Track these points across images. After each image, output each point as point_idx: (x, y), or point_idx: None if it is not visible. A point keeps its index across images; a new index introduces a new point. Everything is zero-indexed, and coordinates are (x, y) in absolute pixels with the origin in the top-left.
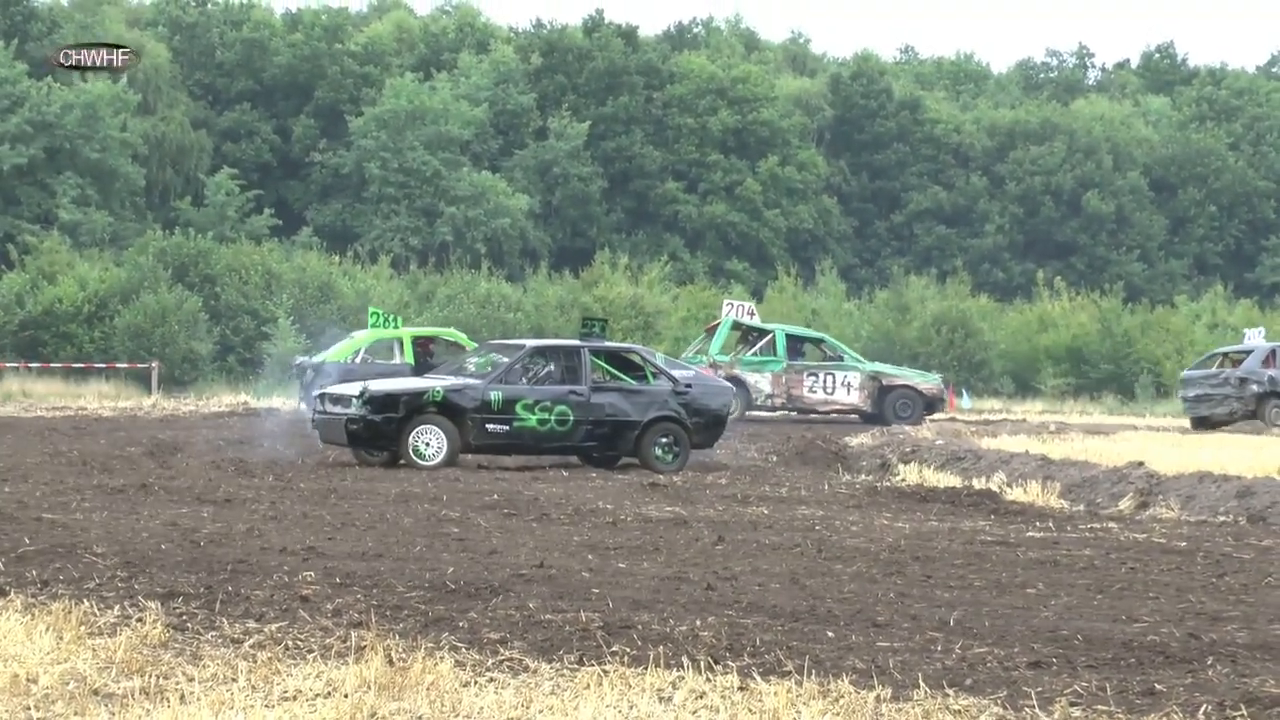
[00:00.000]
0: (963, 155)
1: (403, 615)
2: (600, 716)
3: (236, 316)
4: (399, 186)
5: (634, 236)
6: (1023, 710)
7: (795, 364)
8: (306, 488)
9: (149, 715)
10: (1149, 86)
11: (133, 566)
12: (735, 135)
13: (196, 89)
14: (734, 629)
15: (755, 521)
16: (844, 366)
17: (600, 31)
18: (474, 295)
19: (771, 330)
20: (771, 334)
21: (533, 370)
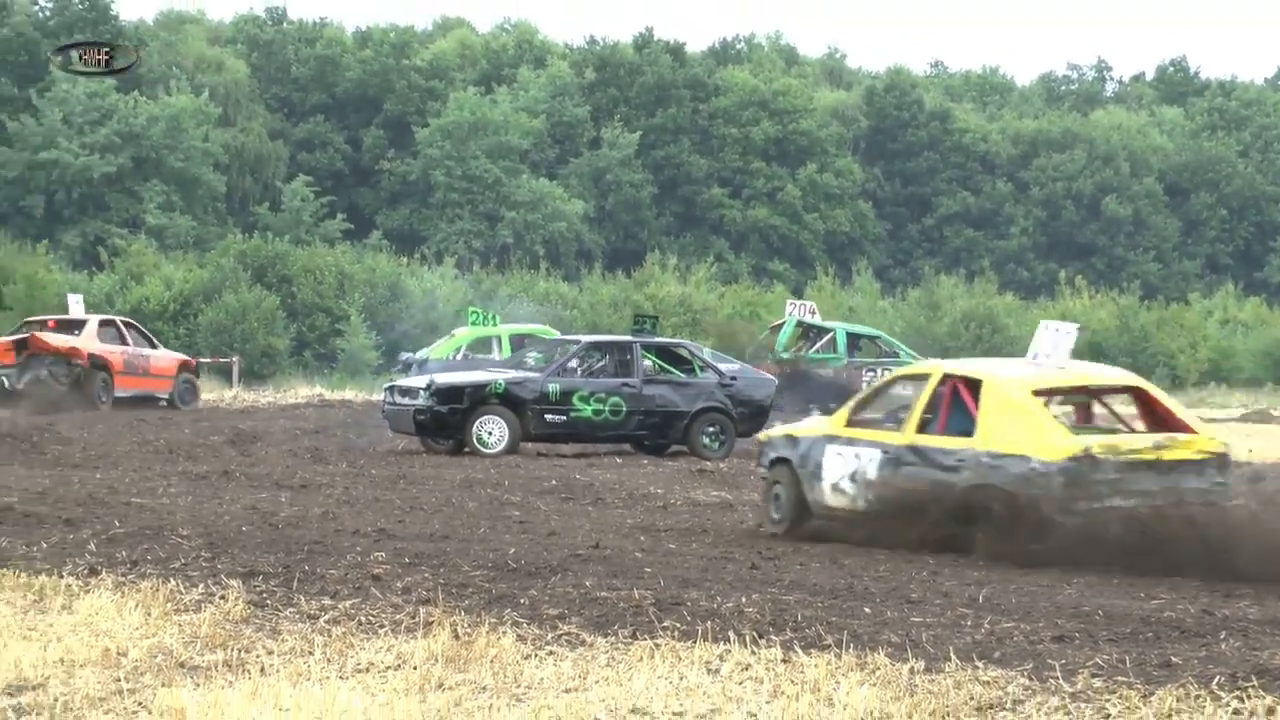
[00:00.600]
0: (989, 162)
1: (467, 593)
2: (652, 687)
3: (311, 314)
4: (462, 193)
5: (682, 239)
6: (1047, 681)
7: (854, 360)
8: (377, 474)
9: (231, 686)
10: (1163, 98)
11: (216, 547)
12: (776, 144)
13: (273, 102)
14: (777, 605)
15: None
16: (899, 362)
17: (650, 48)
18: (533, 294)
19: (832, 328)
20: (832, 332)
21: (588, 364)
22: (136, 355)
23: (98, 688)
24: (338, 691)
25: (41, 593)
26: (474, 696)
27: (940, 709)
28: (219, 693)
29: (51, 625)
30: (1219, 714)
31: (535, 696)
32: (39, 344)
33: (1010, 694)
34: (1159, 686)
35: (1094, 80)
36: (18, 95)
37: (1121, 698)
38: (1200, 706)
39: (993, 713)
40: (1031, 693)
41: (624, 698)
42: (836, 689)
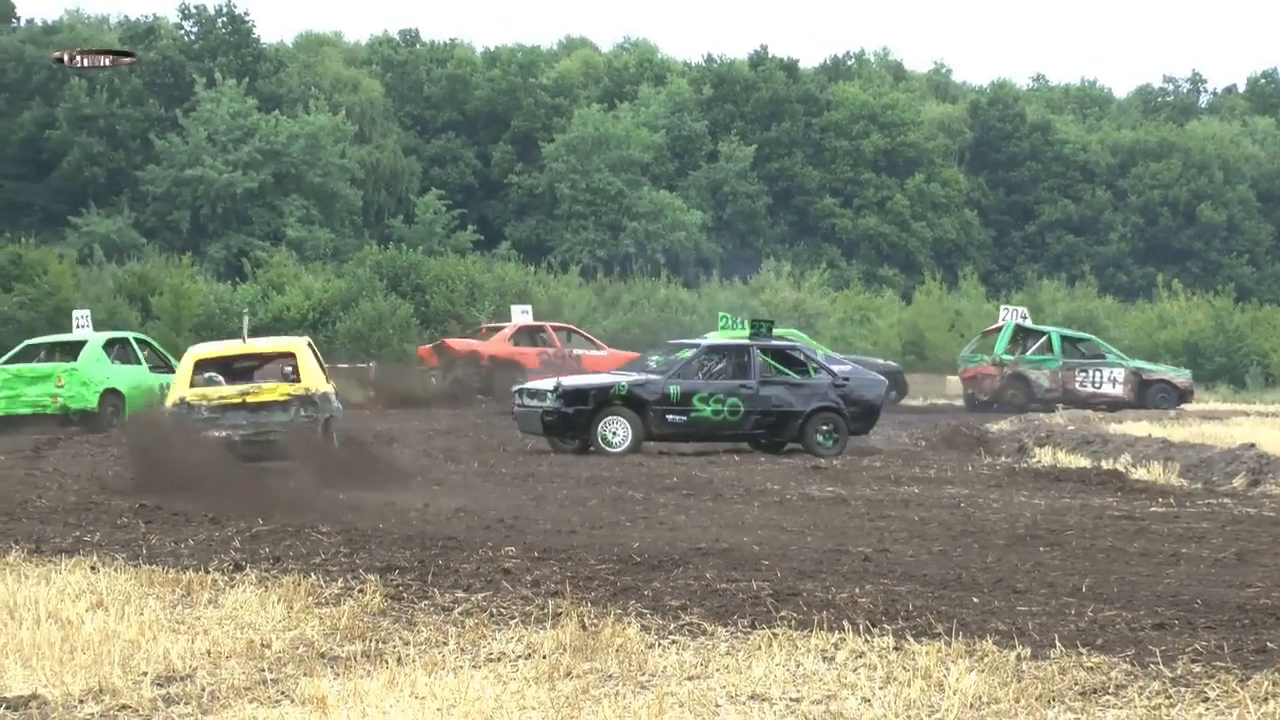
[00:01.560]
0: (1089, 171)
1: (594, 585)
2: (770, 674)
3: (444, 321)
4: (587, 204)
5: (796, 247)
6: (1149, 666)
7: (1069, 361)
8: (507, 472)
9: (369, 676)
10: (1255, 108)
11: (354, 544)
12: (885, 156)
13: (407, 120)
14: (889, 596)
15: (907, 500)
16: (1109, 363)
17: (764, 65)
18: (654, 300)
19: (1047, 332)
20: (1047, 335)
21: (707, 366)
22: (560, 355)
23: (243, 678)
24: (470, 680)
25: (189, 588)
26: (600, 684)
27: (1046, 694)
28: (358, 682)
29: (198, 618)
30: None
31: (659, 684)
32: (449, 348)
33: (1113, 679)
34: (1256, 671)
35: (1188, 92)
36: (165, 115)
37: (1220, 682)
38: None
39: (1096, 697)
40: (1133, 678)
41: (744, 684)
42: (946, 675)
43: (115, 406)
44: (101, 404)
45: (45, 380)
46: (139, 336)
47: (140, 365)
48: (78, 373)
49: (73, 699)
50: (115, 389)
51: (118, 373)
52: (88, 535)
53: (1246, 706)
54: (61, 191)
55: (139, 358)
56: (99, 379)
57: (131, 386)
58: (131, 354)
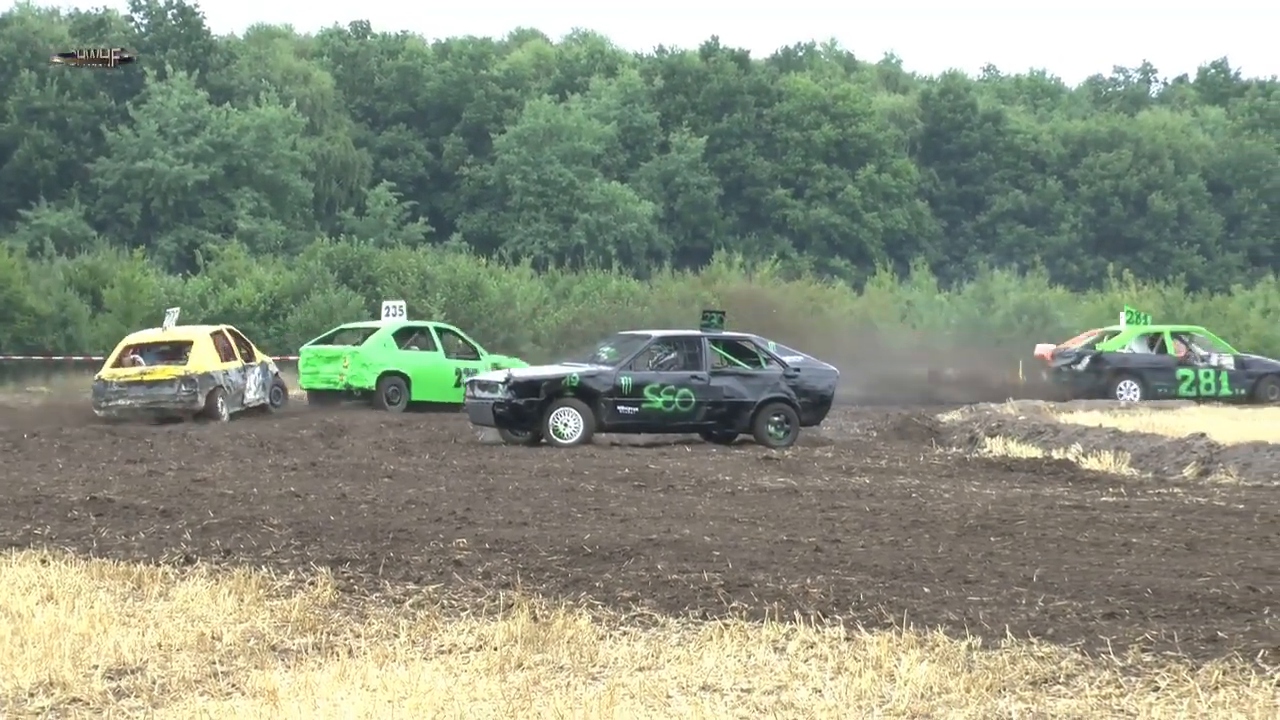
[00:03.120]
0: (1040, 162)
1: (545, 577)
2: (722, 665)
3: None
4: (538, 196)
5: (747, 238)
6: (1099, 656)
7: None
8: (459, 464)
9: (321, 668)
10: (1205, 98)
11: (305, 536)
12: (836, 146)
13: (358, 111)
14: (840, 586)
15: (858, 490)
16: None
17: (715, 56)
18: (605, 292)
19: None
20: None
21: (659, 357)
22: None
23: (193, 670)
24: (422, 672)
25: (140, 581)
26: (552, 676)
27: (997, 683)
28: (309, 674)
29: (149, 611)
30: (1264, 686)
31: (610, 675)
32: None
33: (1063, 668)
34: (1206, 660)
35: (1139, 82)
36: (115, 108)
37: (1170, 671)
38: (1245, 679)
39: (1047, 686)
40: (1084, 667)
41: (695, 675)
42: (898, 665)
43: (397, 386)
44: (380, 384)
45: (335, 360)
46: (441, 326)
47: (436, 351)
48: (359, 355)
49: (23, 692)
50: (398, 371)
51: (403, 357)
52: (38, 528)
53: (1197, 695)
54: (12, 184)
55: (436, 345)
56: (378, 362)
57: (419, 370)
58: (429, 341)
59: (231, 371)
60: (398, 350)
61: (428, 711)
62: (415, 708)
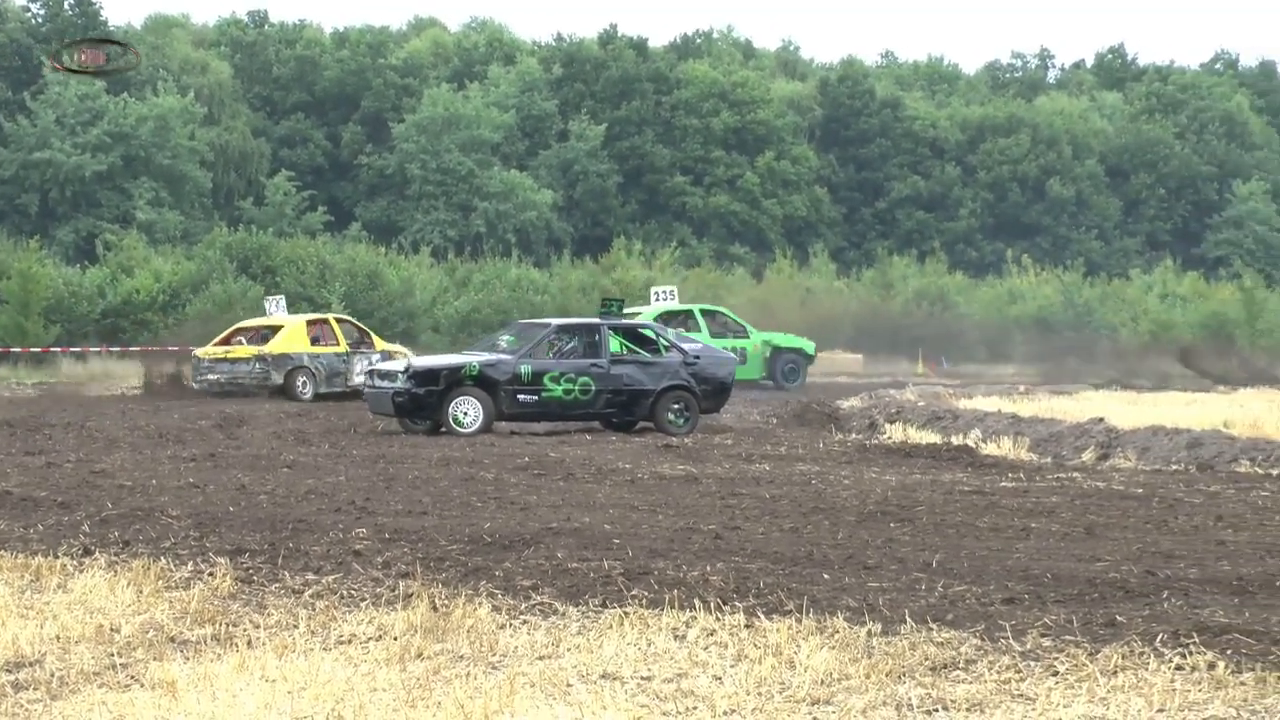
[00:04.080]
0: (938, 148)
1: (445, 566)
2: (622, 653)
3: (295, 303)
4: (437, 184)
5: (646, 225)
6: (999, 641)
7: None
8: (358, 454)
9: (220, 659)
10: (1103, 83)
11: (204, 527)
12: (735, 134)
13: (256, 101)
14: (740, 573)
15: (758, 477)
16: None
17: (614, 44)
18: (505, 280)
19: None
20: None
21: (558, 346)
22: None
23: (92, 662)
24: (321, 662)
25: (38, 573)
26: (452, 665)
27: (896, 669)
28: (208, 665)
29: (48, 604)
30: (1162, 670)
31: (510, 664)
32: None
33: (963, 654)
34: (1105, 644)
35: (1037, 68)
36: (12, 98)
37: (1069, 656)
38: (1144, 663)
39: (946, 672)
40: (983, 652)
41: (595, 663)
42: (798, 652)
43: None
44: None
45: None
46: (707, 308)
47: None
48: None
49: None
50: None
51: None
52: None
53: (1096, 680)
54: None
55: (700, 326)
56: None
57: None
58: (693, 323)
59: (325, 355)
60: None
61: (327, 702)
62: (315, 698)
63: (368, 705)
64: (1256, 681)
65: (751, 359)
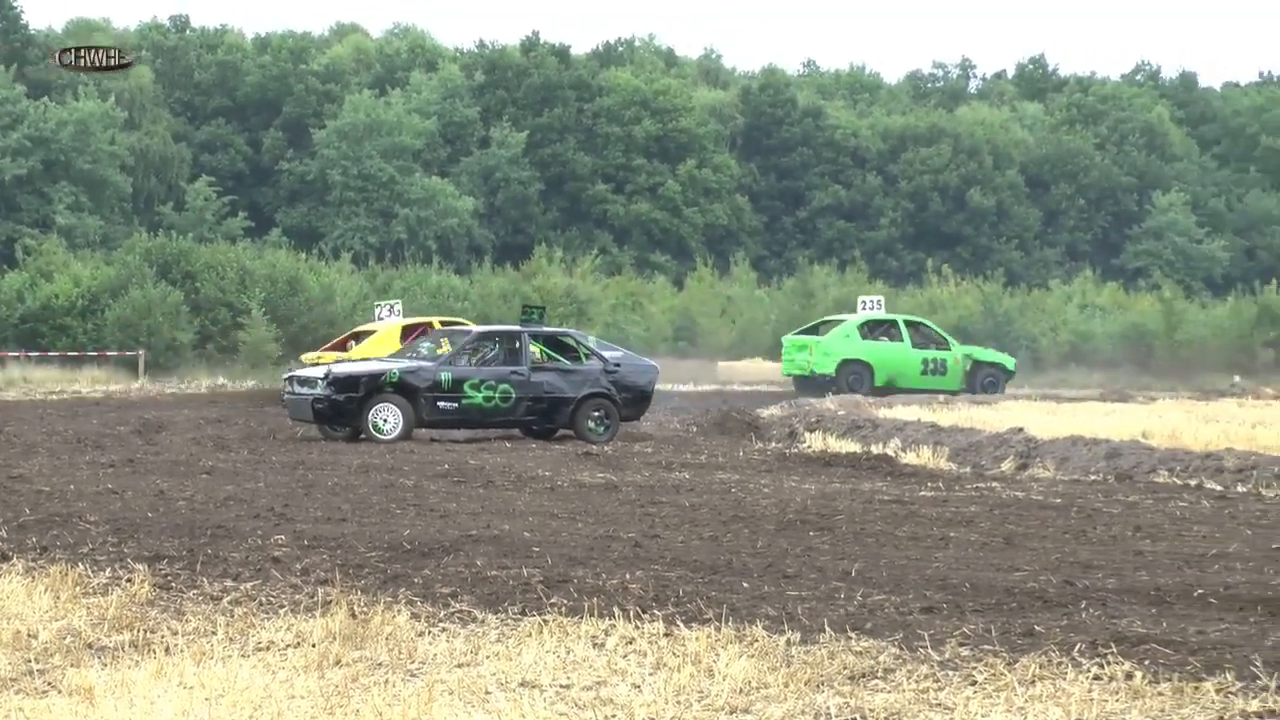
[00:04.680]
0: (859, 157)
1: (364, 573)
2: (540, 661)
3: (214, 309)
4: (358, 191)
5: (568, 233)
6: (917, 650)
7: None
8: (277, 460)
9: (138, 666)
10: (1024, 94)
11: (122, 533)
12: (657, 142)
13: (177, 106)
14: (659, 581)
15: (678, 485)
16: None
17: (536, 51)
18: (426, 287)
19: None
20: None
21: (479, 353)
22: None
23: (8, 669)
24: (239, 669)
25: None
26: (370, 672)
27: (815, 678)
28: (126, 672)
29: None
30: (1080, 679)
31: (429, 671)
32: None
33: (882, 663)
34: (1023, 654)
35: (958, 78)
36: None
37: (988, 665)
38: (1062, 672)
39: (865, 681)
40: (902, 661)
41: (514, 671)
42: (716, 660)
43: (858, 374)
44: (840, 371)
45: (804, 349)
46: (911, 319)
47: (902, 342)
48: (821, 344)
49: None
50: (860, 359)
51: (865, 347)
52: None
53: (1014, 689)
54: None
55: (903, 336)
56: (838, 351)
57: (881, 359)
58: (896, 333)
59: None
60: (860, 340)
61: (245, 709)
62: (233, 705)
63: (286, 712)
64: (1174, 691)
65: (951, 371)
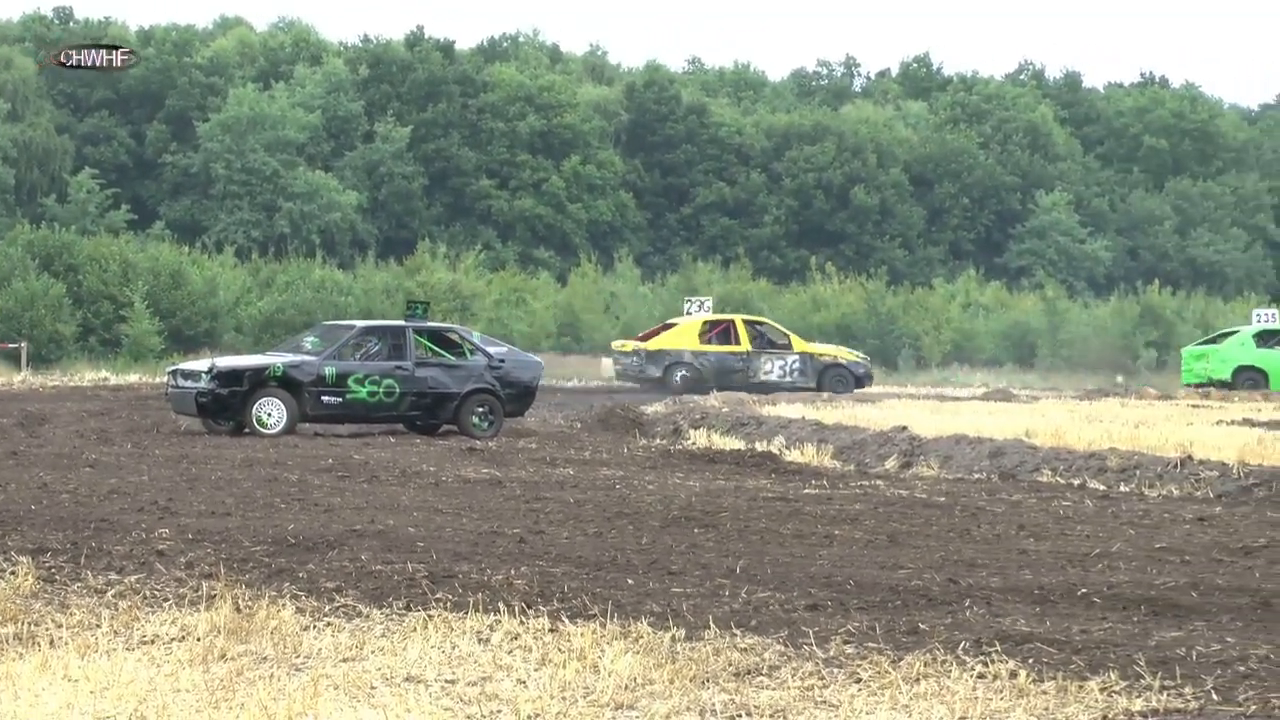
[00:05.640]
0: (744, 154)
1: (248, 567)
2: (426, 656)
3: (97, 301)
4: (242, 184)
5: (452, 228)
6: (802, 647)
7: None
8: (161, 454)
9: (21, 659)
10: (908, 93)
11: (5, 525)
12: (542, 137)
13: (60, 97)
14: (544, 577)
15: (562, 481)
16: None
17: (421, 45)
18: (309, 281)
19: None
20: None
21: (363, 348)
22: None
23: None
24: (124, 663)
25: None
26: (255, 666)
27: (700, 674)
28: (9, 665)
29: None
30: (965, 677)
31: (314, 665)
32: None
33: (767, 660)
34: (908, 652)
35: (843, 76)
36: None
37: (872, 663)
38: (947, 670)
39: (750, 678)
40: (787, 659)
41: (399, 666)
42: (602, 656)
43: (1253, 379)
44: (1235, 376)
45: (1202, 359)
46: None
47: None
48: (1219, 351)
49: None
50: (1254, 366)
51: (1259, 354)
52: None
53: (899, 687)
54: None
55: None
56: (1233, 358)
57: (1275, 365)
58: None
59: (716, 354)
60: (1255, 348)
61: (130, 702)
62: (118, 698)
63: (170, 706)
64: (1058, 690)
65: None
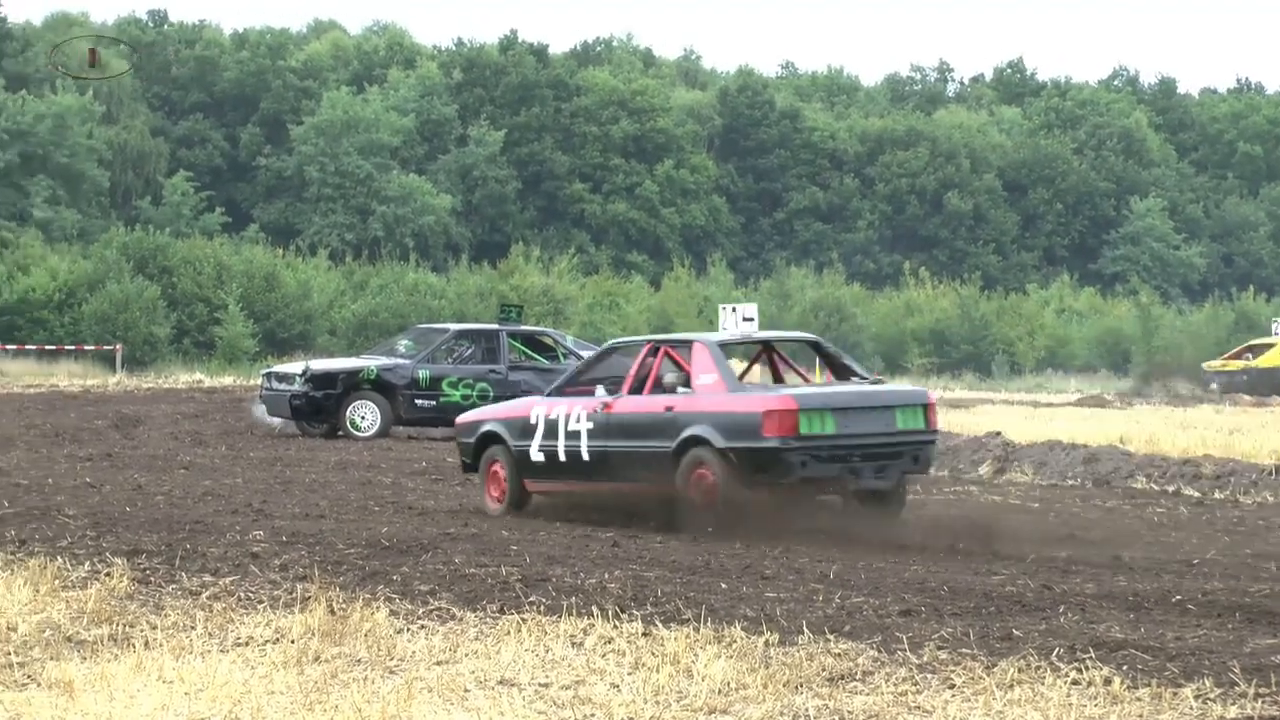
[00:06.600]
0: (837, 159)
1: (342, 570)
2: (519, 660)
3: (191, 304)
4: (335, 187)
5: (545, 232)
6: (895, 653)
7: None
8: (255, 456)
9: (117, 660)
10: (1002, 98)
11: (101, 527)
12: (635, 142)
13: (155, 100)
14: (638, 581)
15: None
16: None
17: (514, 49)
18: (403, 285)
19: None
20: None
21: (457, 351)
22: None
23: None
24: (218, 664)
25: None
26: (349, 669)
27: (794, 680)
28: (105, 665)
29: None
30: (1058, 684)
31: (408, 668)
32: None
33: (860, 665)
34: (1001, 658)
35: (936, 81)
36: None
37: (966, 669)
38: (1040, 677)
39: (843, 683)
40: (880, 664)
41: (492, 669)
42: (695, 661)
43: None
44: None
45: None
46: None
47: None
48: None
49: None
50: None
51: None
52: None
53: (992, 693)
54: None
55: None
56: None
57: None
58: None
59: None
60: None
61: (224, 704)
62: (212, 700)
63: (265, 707)
64: (1152, 697)
65: None
